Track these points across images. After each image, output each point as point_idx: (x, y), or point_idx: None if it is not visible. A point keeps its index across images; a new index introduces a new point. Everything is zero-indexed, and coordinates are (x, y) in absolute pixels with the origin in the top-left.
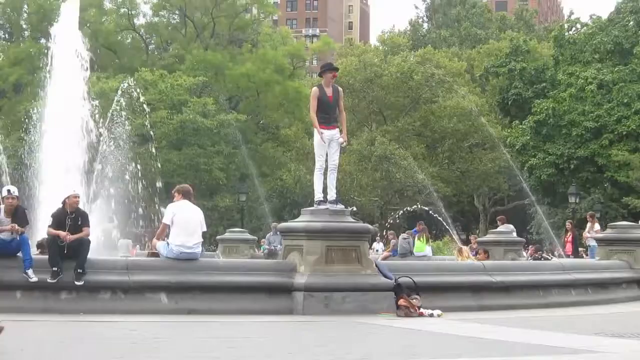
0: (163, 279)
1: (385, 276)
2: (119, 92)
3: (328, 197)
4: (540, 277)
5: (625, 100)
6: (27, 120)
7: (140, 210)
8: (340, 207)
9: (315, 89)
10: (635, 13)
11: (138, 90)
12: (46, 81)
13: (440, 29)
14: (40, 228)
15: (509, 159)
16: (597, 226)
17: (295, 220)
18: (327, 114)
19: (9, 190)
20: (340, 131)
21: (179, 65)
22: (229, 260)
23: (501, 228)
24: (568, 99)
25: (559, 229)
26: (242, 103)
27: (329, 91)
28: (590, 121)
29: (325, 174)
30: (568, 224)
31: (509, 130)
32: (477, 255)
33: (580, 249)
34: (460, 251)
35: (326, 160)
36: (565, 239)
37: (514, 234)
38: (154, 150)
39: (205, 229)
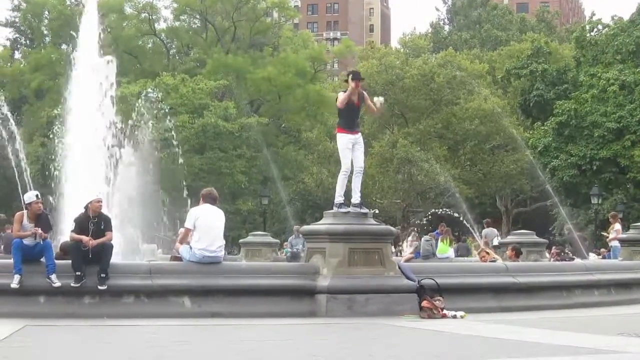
0: (186, 282)
1: (408, 278)
2: (141, 98)
3: (352, 200)
4: (563, 278)
5: None
6: (49, 125)
7: (164, 214)
8: (364, 210)
9: (341, 92)
10: None
11: (159, 95)
12: (68, 85)
13: (462, 31)
14: (64, 232)
15: (531, 160)
16: (617, 226)
17: (318, 223)
18: (352, 120)
19: (37, 195)
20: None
21: (200, 70)
22: (251, 264)
23: (486, 231)
24: (590, 100)
25: (581, 230)
26: (263, 106)
27: (354, 97)
28: (613, 122)
29: (350, 177)
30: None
31: (530, 132)
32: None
33: (602, 250)
34: (485, 253)
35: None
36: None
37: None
38: (181, 160)
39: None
